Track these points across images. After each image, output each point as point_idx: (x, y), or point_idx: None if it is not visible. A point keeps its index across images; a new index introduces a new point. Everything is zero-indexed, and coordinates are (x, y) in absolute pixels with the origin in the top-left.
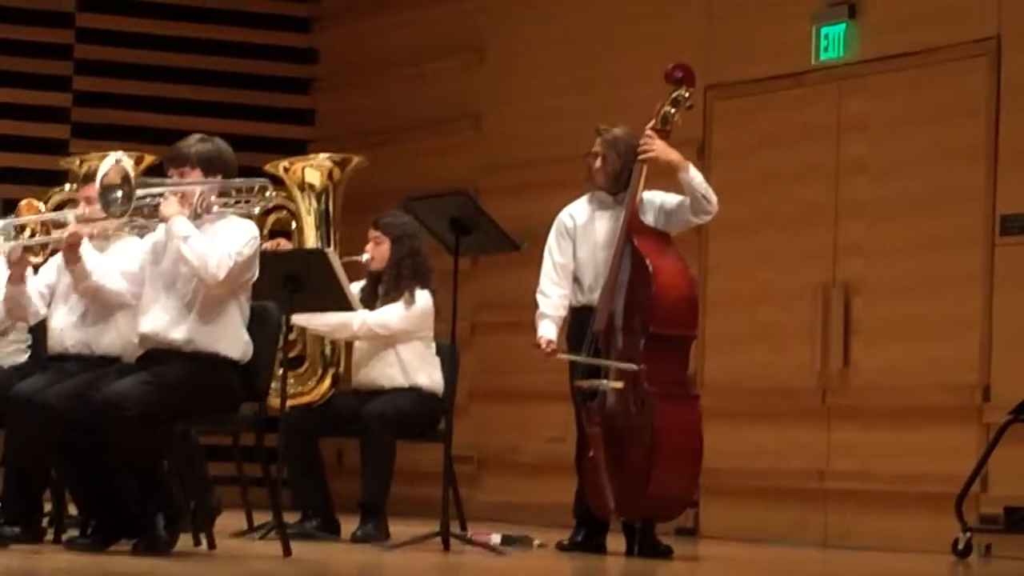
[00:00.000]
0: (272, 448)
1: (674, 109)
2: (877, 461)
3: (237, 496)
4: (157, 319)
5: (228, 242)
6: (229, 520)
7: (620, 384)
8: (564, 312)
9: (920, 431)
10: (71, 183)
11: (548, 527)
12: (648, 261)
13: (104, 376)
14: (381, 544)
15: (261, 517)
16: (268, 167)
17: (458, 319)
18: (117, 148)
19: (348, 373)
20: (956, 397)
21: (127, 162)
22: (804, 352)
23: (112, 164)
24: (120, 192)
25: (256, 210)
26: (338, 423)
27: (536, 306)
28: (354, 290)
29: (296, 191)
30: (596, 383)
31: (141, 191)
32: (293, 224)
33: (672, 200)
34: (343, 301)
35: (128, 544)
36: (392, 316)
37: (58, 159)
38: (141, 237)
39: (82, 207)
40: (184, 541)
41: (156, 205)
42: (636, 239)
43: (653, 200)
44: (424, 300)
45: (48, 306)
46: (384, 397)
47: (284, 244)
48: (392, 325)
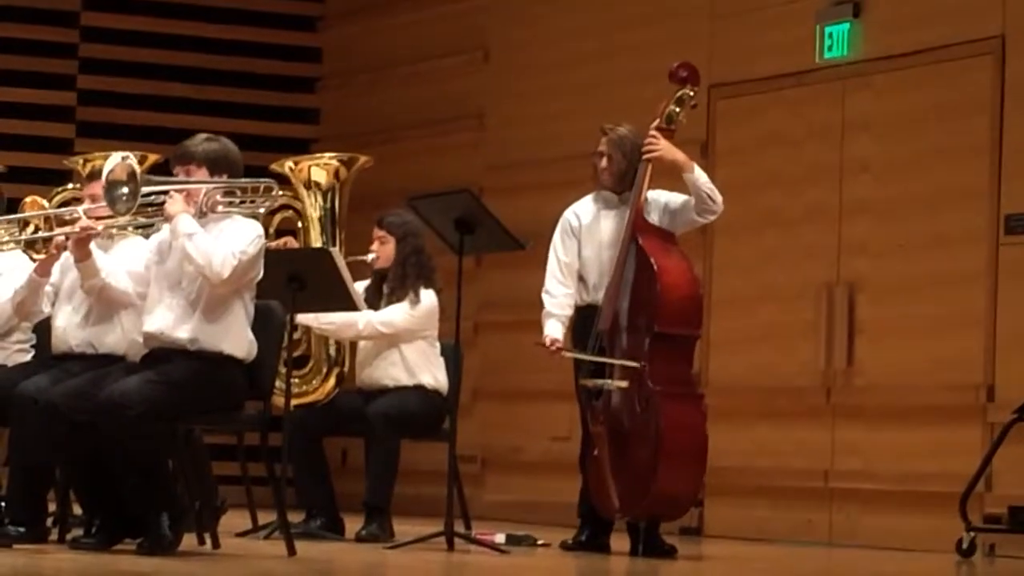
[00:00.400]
0: (276, 447)
1: (679, 108)
2: (881, 460)
3: (241, 495)
4: (162, 318)
5: (232, 241)
6: (233, 519)
7: (625, 383)
8: (570, 311)
9: (924, 430)
10: (75, 182)
11: (552, 526)
12: (653, 260)
13: (108, 375)
14: (385, 543)
15: (265, 516)
16: (274, 166)
17: (462, 318)
18: (122, 147)
19: (352, 372)
20: (960, 396)
21: (133, 159)
22: (808, 351)
23: (118, 161)
24: (126, 189)
25: (261, 210)
26: (342, 423)
27: (542, 305)
28: (359, 289)
29: (302, 190)
30: (601, 382)
31: (147, 189)
32: (299, 223)
33: (677, 199)
34: (347, 300)
35: (132, 543)
36: (397, 315)
37: (63, 158)
38: (146, 237)
39: (87, 205)
40: (188, 540)
41: (161, 203)
42: (641, 238)
43: (658, 199)
44: (429, 299)
45: (52, 305)
46: (388, 396)
47: (292, 243)
48: (397, 324)
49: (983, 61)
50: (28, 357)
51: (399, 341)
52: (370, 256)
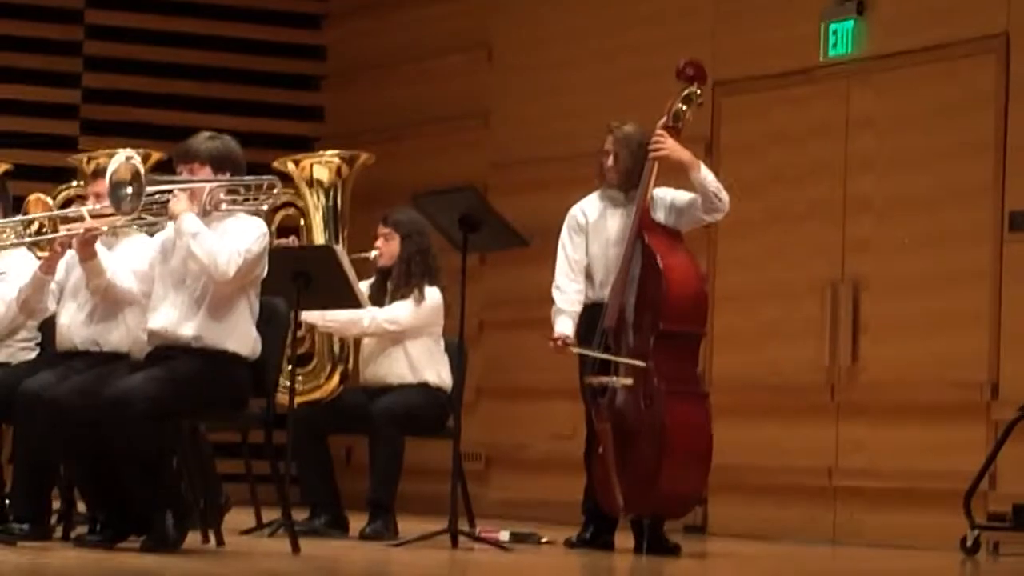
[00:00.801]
0: (281, 445)
1: (686, 106)
2: (885, 458)
3: (246, 493)
4: (166, 316)
5: (237, 239)
6: (238, 517)
7: (630, 381)
8: (580, 307)
9: (928, 428)
10: (79, 180)
11: (556, 524)
12: (659, 258)
13: (112, 373)
14: (389, 541)
15: (270, 514)
16: (276, 164)
17: (466, 316)
18: (126, 144)
19: (356, 370)
20: (965, 394)
21: (137, 159)
22: (812, 349)
23: (122, 161)
24: (130, 189)
25: (265, 207)
26: (346, 420)
27: (551, 302)
28: (363, 287)
29: (304, 188)
30: (606, 380)
31: (151, 188)
32: (301, 221)
33: (683, 197)
34: (352, 298)
35: (137, 541)
36: (402, 312)
37: (67, 156)
38: (151, 235)
39: (92, 203)
40: (192, 538)
41: (165, 202)
42: (647, 236)
43: (664, 197)
44: (434, 296)
45: (57, 303)
46: (392, 394)
47: (294, 242)
48: (402, 321)
49: (987, 59)
50: (33, 355)
51: (404, 338)
52: (372, 253)
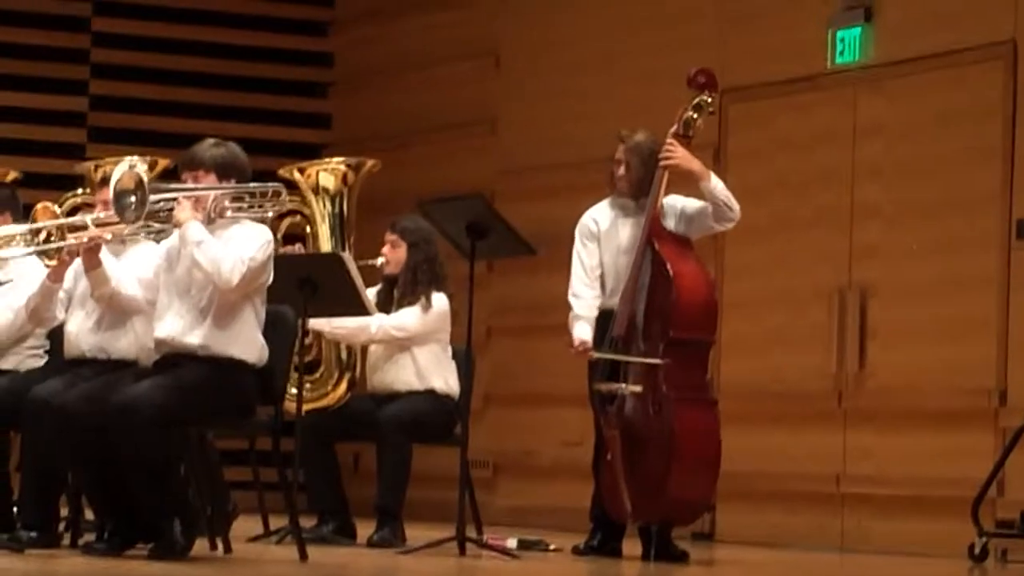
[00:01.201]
0: (288, 452)
1: (696, 114)
2: (893, 465)
3: (253, 500)
4: (172, 324)
5: (242, 247)
6: (245, 524)
7: (639, 388)
8: (597, 313)
9: (936, 435)
10: (86, 187)
11: (564, 531)
12: (669, 266)
13: (120, 380)
14: (397, 548)
15: (277, 521)
16: (282, 171)
17: (474, 323)
18: (133, 152)
19: (364, 377)
20: (972, 401)
21: (141, 168)
22: (820, 356)
23: (125, 170)
24: (134, 198)
25: (270, 214)
26: (354, 427)
27: (564, 309)
28: (369, 295)
29: (310, 195)
30: (615, 387)
31: (155, 196)
32: (307, 228)
33: (693, 205)
34: (359, 305)
35: (144, 548)
36: (410, 319)
37: (74, 163)
38: (158, 242)
39: (99, 210)
40: (200, 545)
41: (170, 209)
42: (657, 243)
43: (674, 205)
44: (441, 302)
45: (65, 311)
46: (400, 401)
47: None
48: (410, 328)
49: (995, 66)
50: (41, 362)
51: (412, 345)
52: (379, 260)
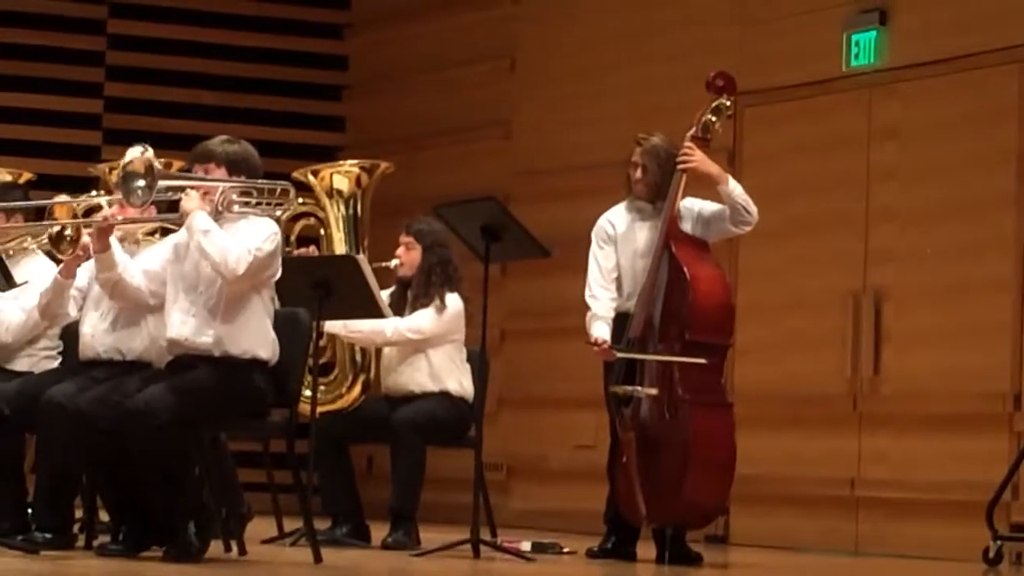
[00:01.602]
0: (303, 454)
1: (715, 118)
2: (908, 469)
3: (268, 502)
4: (183, 325)
5: (248, 238)
6: (260, 526)
7: (655, 391)
8: (614, 314)
9: (951, 438)
10: (101, 189)
11: (578, 534)
12: (686, 269)
13: (134, 382)
14: (411, 551)
15: (291, 523)
16: (296, 174)
17: (488, 326)
18: None
19: (378, 379)
20: (987, 404)
21: (151, 152)
22: (835, 359)
23: (138, 153)
24: (142, 182)
25: (279, 213)
26: (368, 429)
27: (580, 311)
28: (383, 296)
29: (324, 198)
30: (631, 389)
31: (163, 183)
32: (322, 231)
33: (710, 208)
34: (374, 307)
35: (159, 550)
36: (425, 321)
37: (89, 165)
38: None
39: (116, 209)
40: (215, 547)
41: (177, 200)
42: (674, 246)
43: (692, 208)
44: (455, 303)
45: (79, 309)
46: (414, 403)
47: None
48: (425, 330)
49: (1010, 69)
50: (55, 363)
51: (426, 346)
52: (393, 262)
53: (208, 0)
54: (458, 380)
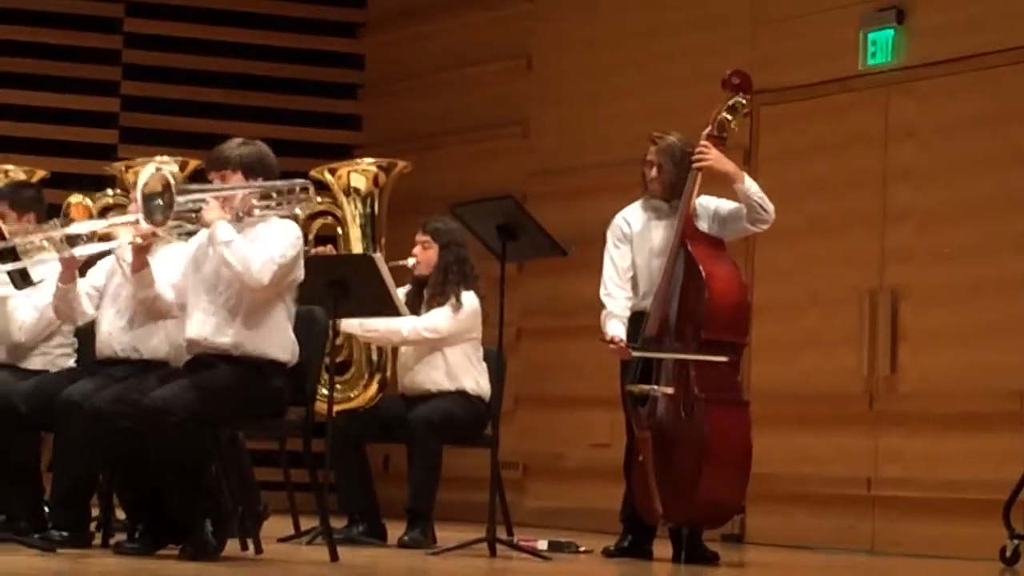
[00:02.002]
0: (319, 453)
1: (731, 116)
2: (924, 467)
3: (284, 501)
4: (202, 325)
5: (271, 245)
6: (276, 525)
7: (671, 390)
8: (629, 312)
9: (968, 437)
10: (117, 188)
11: (594, 533)
12: (701, 267)
13: (152, 380)
14: (427, 549)
15: (308, 522)
16: (313, 172)
17: (504, 325)
18: (165, 152)
19: (395, 377)
20: (1004, 403)
21: (167, 169)
22: (851, 358)
23: (152, 172)
24: (161, 201)
25: (298, 210)
26: (385, 428)
27: (596, 309)
28: (399, 295)
29: (341, 196)
30: (647, 388)
31: (182, 198)
32: (338, 230)
33: (726, 206)
34: (390, 306)
35: (176, 549)
36: (441, 320)
37: (105, 164)
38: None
39: (132, 210)
40: (231, 546)
41: (198, 210)
42: (690, 245)
43: (707, 206)
44: (471, 301)
45: (96, 308)
46: (431, 402)
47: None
48: (442, 328)
49: None
50: (71, 361)
51: (444, 345)
52: (410, 261)
53: None
54: (475, 379)
